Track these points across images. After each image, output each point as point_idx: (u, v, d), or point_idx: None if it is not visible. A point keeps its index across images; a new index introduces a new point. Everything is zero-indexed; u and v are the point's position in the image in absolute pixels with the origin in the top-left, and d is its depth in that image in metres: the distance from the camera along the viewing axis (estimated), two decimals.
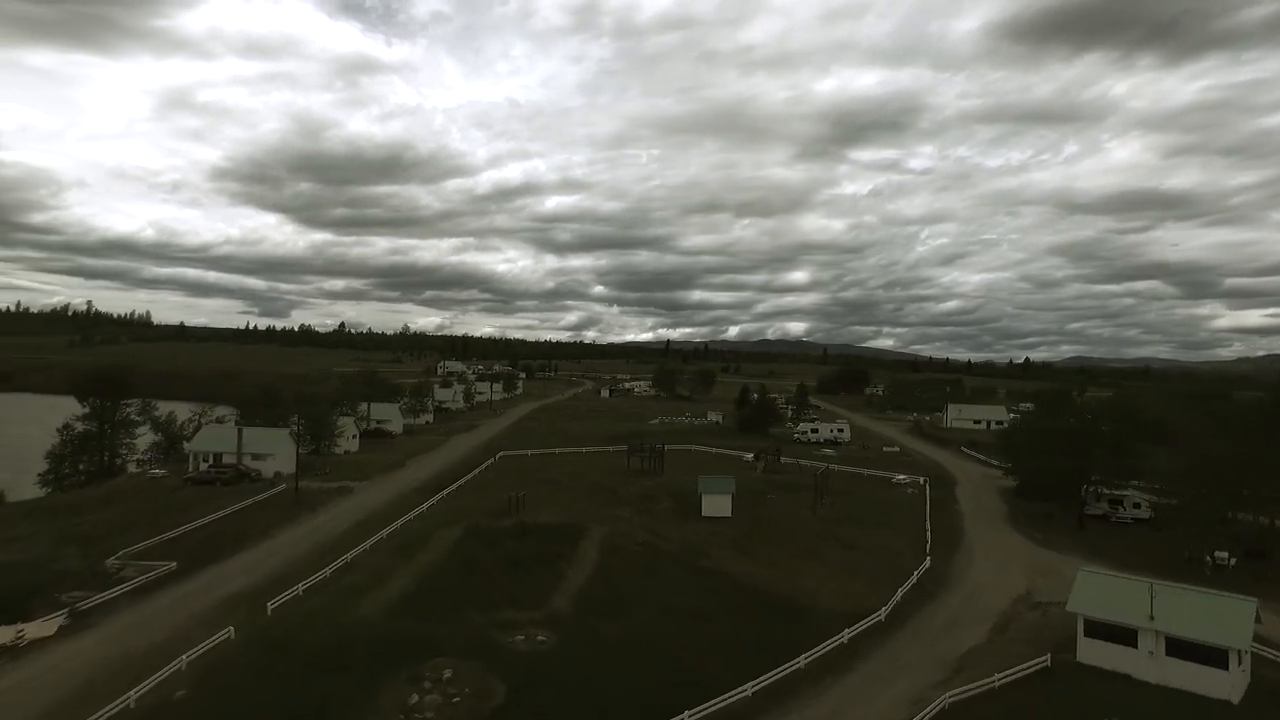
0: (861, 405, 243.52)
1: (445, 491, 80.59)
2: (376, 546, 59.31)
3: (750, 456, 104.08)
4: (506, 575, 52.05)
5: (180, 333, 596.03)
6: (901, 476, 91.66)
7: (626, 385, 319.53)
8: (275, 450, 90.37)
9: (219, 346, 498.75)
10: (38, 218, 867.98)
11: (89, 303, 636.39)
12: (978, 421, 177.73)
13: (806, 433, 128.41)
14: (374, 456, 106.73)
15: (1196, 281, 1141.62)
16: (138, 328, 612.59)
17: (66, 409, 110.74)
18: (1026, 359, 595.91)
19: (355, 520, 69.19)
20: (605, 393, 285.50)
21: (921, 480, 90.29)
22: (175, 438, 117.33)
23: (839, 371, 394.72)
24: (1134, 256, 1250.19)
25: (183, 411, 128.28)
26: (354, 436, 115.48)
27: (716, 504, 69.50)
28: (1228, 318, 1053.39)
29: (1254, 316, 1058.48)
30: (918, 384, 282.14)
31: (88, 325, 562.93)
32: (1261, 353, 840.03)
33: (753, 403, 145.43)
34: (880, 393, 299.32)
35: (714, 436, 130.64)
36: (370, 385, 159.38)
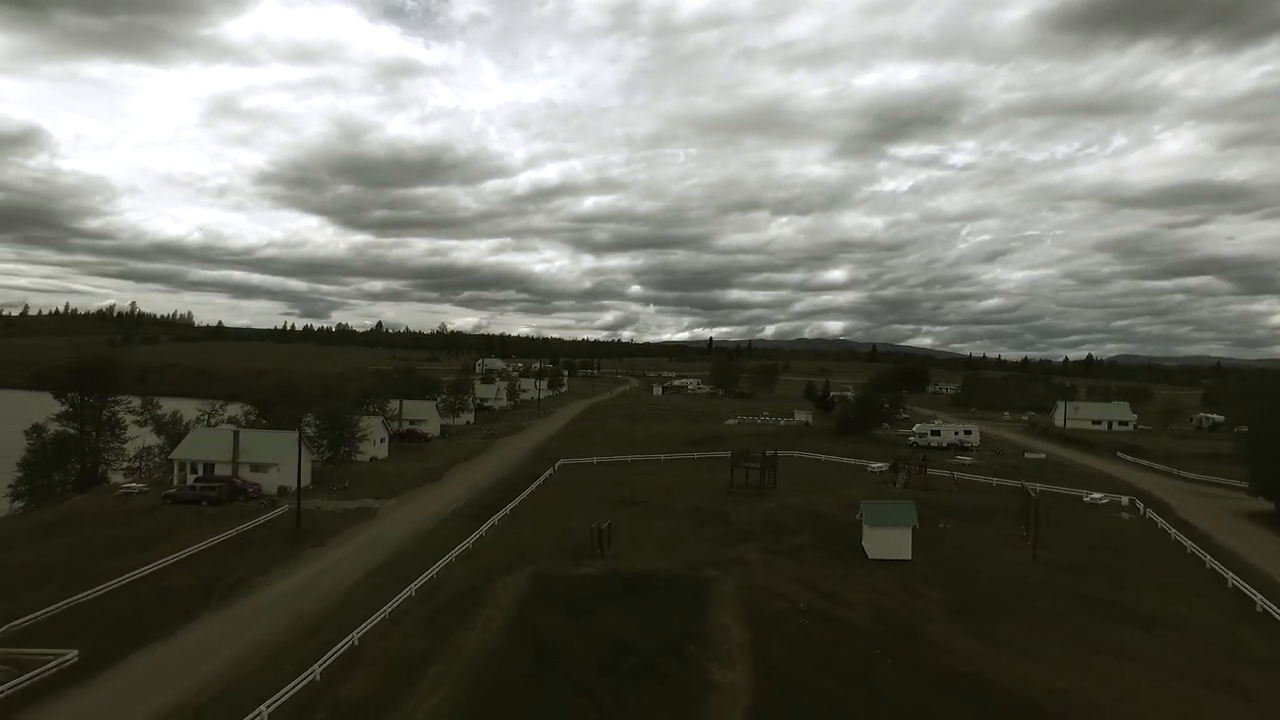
0: (944, 404, 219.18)
1: (497, 516, 60.04)
2: (400, 613, 38.83)
3: (879, 467, 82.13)
4: (612, 679, 31.20)
5: (218, 332, 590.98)
6: (1097, 495, 69.10)
7: (677, 383, 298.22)
8: (282, 459, 70.68)
9: (256, 345, 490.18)
10: (92, 223, 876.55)
11: (133, 303, 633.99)
12: (1096, 422, 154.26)
13: (926, 435, 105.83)
14: (406, 465, 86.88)
15: (1253, 276, 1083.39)
16: (179, 328, 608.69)
17: None
18: (1089, 356, 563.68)
19: (374, 563, 48.82)
20: (658, 390, 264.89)
21: (1125, 500, 67.78)
22: (179, 440, 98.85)
23: (899, 369, 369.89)
24: (1186, 251, 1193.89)
25: (191, 411, 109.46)
26: (382, 440, 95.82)
27: (891, 542, 47.89)
28: None
29: None
30: (999, 381, 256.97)
31: (130, 326, 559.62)
32: None
33: (855, 400, 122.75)
34: (949, 390, 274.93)
35: (810, 440, 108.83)
36: (406, 381, 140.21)
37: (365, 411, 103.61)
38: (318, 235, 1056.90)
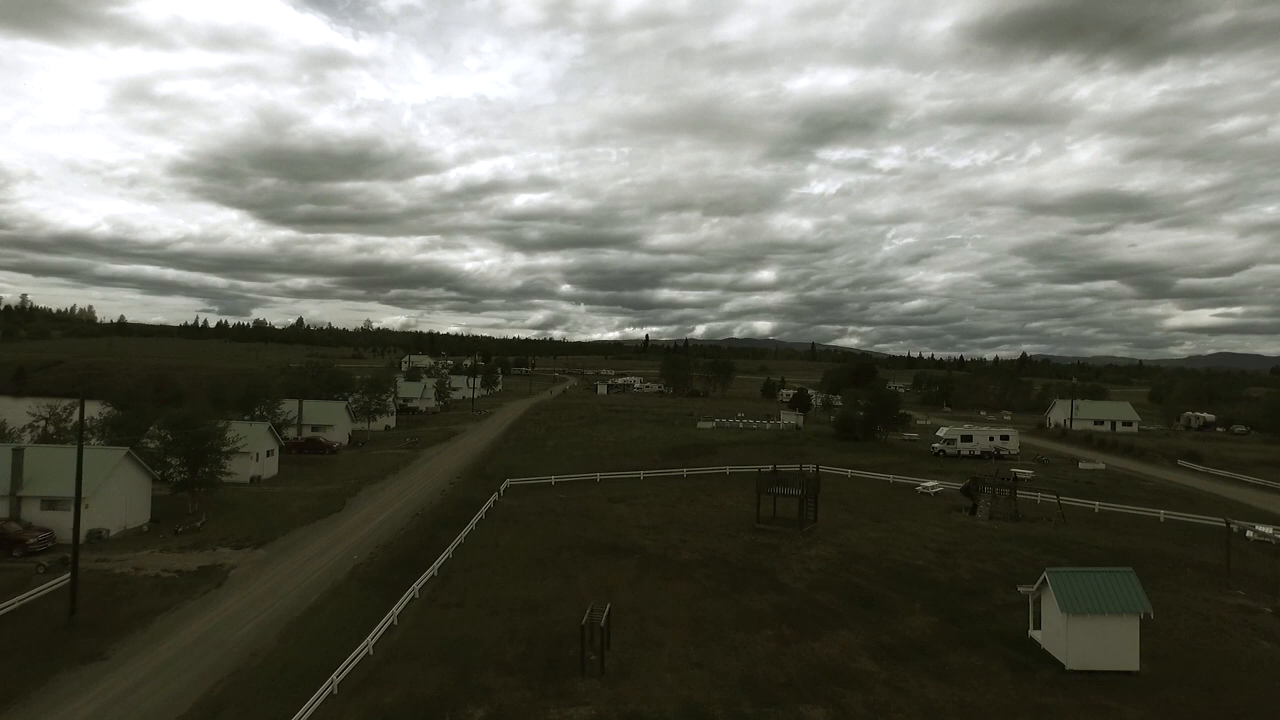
0: (914, 403, 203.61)
1: (419, 583, 38.20)
2: None
3: (932, 487, 62.97)
4: None
5: (121, 328, 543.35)
6: (1264, 529, 50.81)
7: (621, 380, 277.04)
8: (97, 489, 47.50)
9: (164, 342, 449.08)
10: None
11: (24, 296, 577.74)
12: (1099, 422, 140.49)
13: (955, 441, 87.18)
14: (297, 488, 64.31)
15: (1152, 281, 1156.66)
16: (75, 323, 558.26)
17: None
18: (1023, 354, 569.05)
19: (185, 703, 26.50)
20: (602, 389, 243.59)
21: None
22: None
23: (848, 367, 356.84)
24: (1094, 257, 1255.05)
25: (23, 415, 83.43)
26: (270, 454, 72.59)
27: (1107, 640, 28.11)
28: (1179, 317, 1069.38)
29: (1204, 316, 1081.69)
30: (968, 379, 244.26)
31: (19, 320, 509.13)
32: (1210, 351, 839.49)
33: (866, 401, 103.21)
34: (899, 389, 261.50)
35: (813, 448, 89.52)
36: (319, 379, 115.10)
37: (252, 415, 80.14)
38: (238, 230, 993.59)
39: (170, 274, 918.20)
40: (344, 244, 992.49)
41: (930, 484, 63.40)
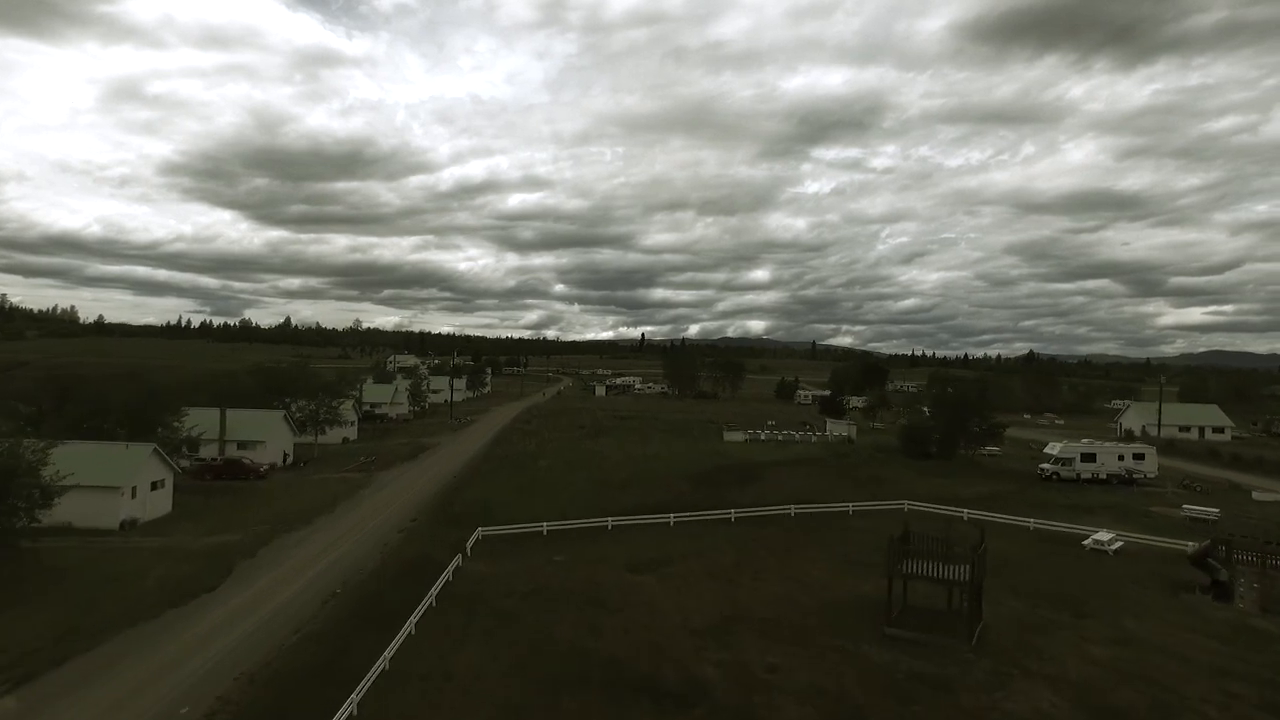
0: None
1: None
2: None
3: (1105, 542, 42.83)
4: None
5: (100, 328, 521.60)
6: None
7: (619, 381, 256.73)
8: None
9: (146, 342, 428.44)
10: None
11: (3, 295, 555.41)
12: (1184, 428, 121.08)
13: (1072, 461, 66.95)
14: (177, 540, 44.41)
15: (1144, 280, 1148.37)
16: (55, 323, 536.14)
17: None
18: (1030, 352, 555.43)
19: None
20: (600, 390, 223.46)
21: None
22: None
23: (857, 366, 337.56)
24: (1086, 255, 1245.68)
25: None
26: (157, 486, 52.62)
27: None
28: (1171, 315, 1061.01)
29: (1195, 314, 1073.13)
30: (996, 379, 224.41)
31: None
32: (1202, 349, 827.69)
33: (939, 407, 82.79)
34: (910, 388, 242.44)
35: (874, 468, 69.48)
36: (289, 381, 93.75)
37: (148, 432, 59.94)
38: (230, 230, 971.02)
39: (162, 275, 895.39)
40: (337, 244, 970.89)
41: (1104, 537, 43.23)
